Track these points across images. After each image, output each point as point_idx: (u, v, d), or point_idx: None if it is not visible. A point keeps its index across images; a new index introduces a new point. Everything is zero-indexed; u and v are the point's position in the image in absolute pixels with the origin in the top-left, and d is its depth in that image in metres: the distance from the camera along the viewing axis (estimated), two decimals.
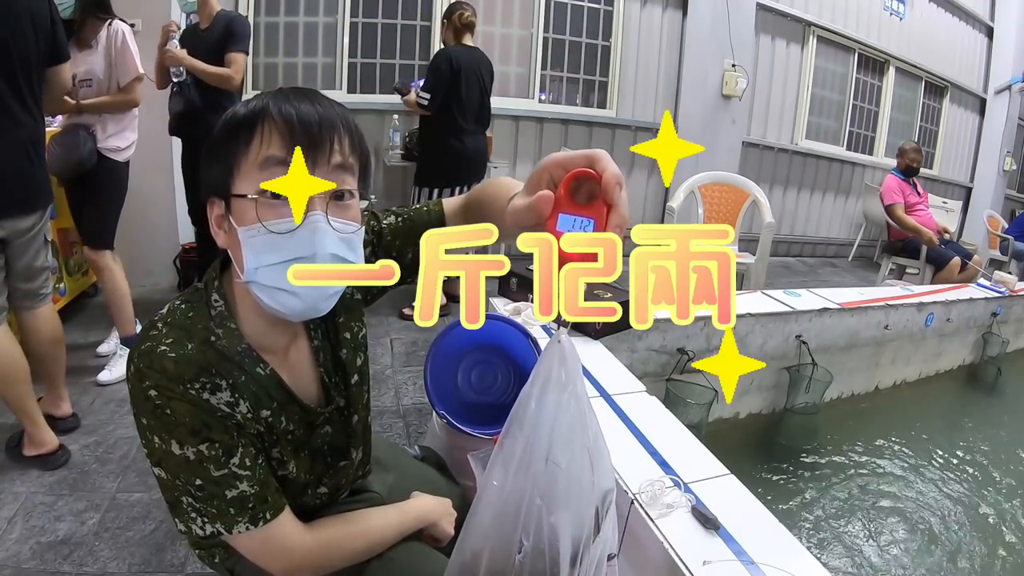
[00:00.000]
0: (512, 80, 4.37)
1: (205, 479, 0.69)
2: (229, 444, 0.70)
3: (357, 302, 0.88)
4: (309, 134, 0.65)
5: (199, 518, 0.71)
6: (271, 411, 0.75)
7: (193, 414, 0.68)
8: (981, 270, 3.80)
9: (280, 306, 0.68)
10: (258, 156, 0.65)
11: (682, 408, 1.90)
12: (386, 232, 0.86)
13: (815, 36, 5.18)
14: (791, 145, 5.28)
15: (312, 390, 0.83)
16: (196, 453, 0.68)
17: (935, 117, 6.38)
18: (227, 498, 0.70)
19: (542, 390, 0.57)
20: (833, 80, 5.51)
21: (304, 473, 0.82)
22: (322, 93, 0.70)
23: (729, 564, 0.95)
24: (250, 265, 0.66)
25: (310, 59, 3.91)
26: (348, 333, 0.87)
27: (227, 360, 0.71)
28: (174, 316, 0.71)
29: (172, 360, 0.67)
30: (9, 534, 1.43)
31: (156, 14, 2.86)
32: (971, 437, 2.50)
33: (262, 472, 0.74)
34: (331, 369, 0.85)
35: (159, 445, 0.69)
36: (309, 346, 0.83)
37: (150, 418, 0.68)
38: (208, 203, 0.70)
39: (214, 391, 0.69)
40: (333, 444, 0.86)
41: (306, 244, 0.63)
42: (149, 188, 3.02)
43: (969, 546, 1.82)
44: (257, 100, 0.68)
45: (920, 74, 6.03)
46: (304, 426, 0.81)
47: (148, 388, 0.67)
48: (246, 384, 0.72)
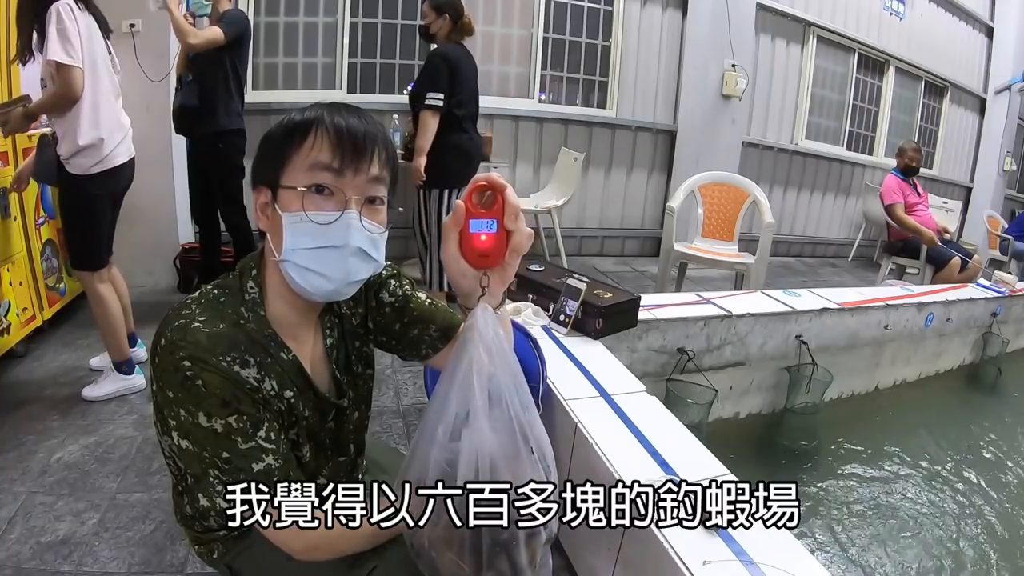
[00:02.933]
0: (512, 80, 4.37)
1: (232, 452, 0.73)
2: (256, 418, 0.74)
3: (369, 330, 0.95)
4: (355, 145, 0.74)
5: (225, 491, 0.73)
6: (293, 394, 0.81)
7: (224, 386, 0.72)
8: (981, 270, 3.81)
9: (309, 286, 0.76)
10: (308, 158, 0.73)
11: (682, 408, 1.90)
12: (413, 307, 0.94)
13: (815, 36, 5.18)
14: (791, 145, 5.28)
15: (325, 383, 0.88)
16: (224, 425, 0.72)
17: (935, 117, 6.38)
18: (254, 471, 0.73)
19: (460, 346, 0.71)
20: (833, 80, 5.51)
21: (316, 462, 0.87)
22: (366, 112, 0.79)
23: (729, 564, 0.95)
24: (288, 246, 0.74)
25: (310, 59, 3.91)
26: (358, 341, 0.94)
27: (255, 342, 0.77)
28: (207, 299, 0.78)
29: (206, 334, 0.73)
30: (9, 534, 1.42)
31: (156, 14, 2.86)
32: (971, 437, 2.50)
33: (286, 448, 0.78)
34: (342, 367, 0.91)
35: (185, 418, 0.72)
36: (324, 343, 0.88)
37: (178, 390, 0.72)
38: (256, 190, 0.79)
39: (244, 366, 0.74)
40: (335, 440, 0.91)
41: (340, 235, 0.73)
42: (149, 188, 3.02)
43: (970, 546, 1.82)
44: (313, 110, 0.76)
45: (920, 74, 6.03)
46: (318, 415, 0.86)
47: (181, 359, 0.71)
48: (272, 365, 0.78)
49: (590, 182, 4.57)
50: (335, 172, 0.73)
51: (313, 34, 3.85)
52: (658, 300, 2.22)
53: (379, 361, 2.50)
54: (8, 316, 2.19)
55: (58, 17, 1.77)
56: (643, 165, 4.77)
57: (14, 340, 2.24)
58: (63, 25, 1.77)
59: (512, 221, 0.69)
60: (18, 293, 2.27)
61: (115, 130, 1.97)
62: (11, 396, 2.08)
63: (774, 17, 4.88)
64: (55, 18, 1.76)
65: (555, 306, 1.87)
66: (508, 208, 0.69)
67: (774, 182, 5.21)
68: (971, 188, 6.73)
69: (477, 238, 0.69)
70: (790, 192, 5.42)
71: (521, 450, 0.69)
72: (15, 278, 2.25)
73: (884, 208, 4.03)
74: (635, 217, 4.85)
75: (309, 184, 0.73)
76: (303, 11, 3.81)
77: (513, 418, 0.69)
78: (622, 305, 1.88)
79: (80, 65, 1.81)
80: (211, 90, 2.54)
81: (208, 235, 2.90)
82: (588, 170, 4.47)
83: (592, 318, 1.82)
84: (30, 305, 2.35)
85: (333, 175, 0.73)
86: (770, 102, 5.10)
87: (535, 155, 4.41)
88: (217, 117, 2.60)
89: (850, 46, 5.45)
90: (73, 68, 1.79)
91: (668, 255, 3.28)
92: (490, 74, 4.31)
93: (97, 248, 2.04)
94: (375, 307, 0.93)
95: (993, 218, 5.53)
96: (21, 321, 2.28)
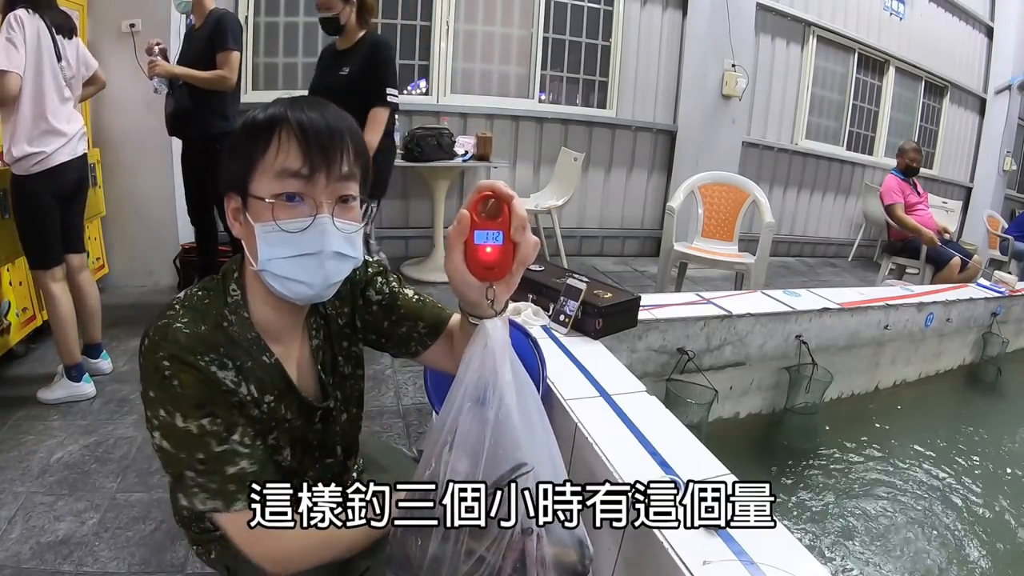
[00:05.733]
0: (512, 80, 4.37)
1: (207, 454, 0.72)
2: (231, 421, 0.74)
3: (357, 329, 0.95)
4: (323, 147, 0.71)
5: (200, 492, 0.73)
6: (274, 397, 0.80)
7: (199, 387, 0.72)
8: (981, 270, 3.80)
9: (290, 292, 0.76)
10: (275, 164, 0.71)
11: (682, 408, 1.90)
12: (400, 304, 0.93)
13: (815, 36, 5.18)
14: (791, 145, 5.28)
15: (310, 385, 0.88)
16: (199, 427, 0.72)
17: (935, 117, 6.38)
18: (227, 474, 0.73)
19: (466, 365, 0.72)
20: (833, 80, 5.51)
21: (296, 463, 0.86)
22: (333, 104, 0.77)
23: (729, 564, 0.95)
24: (263, 256, 0.73)
25: (310, 59, 3.90)
26: (346, 341, 0.93)
27: (236, 345, 0.77)
28: (191, 300, 0.77)
29: (186, 335, 0.72)
30: (9, 534, 1.43)
31: (156, 14, 2.86)
32: (971, 437, 2.50)
33: (262, 453, 0.76)
34: (328, 368, 0.90)
35: (164, 418, 0.72)
36: (309, 345, 0.88)
37: (157, 390, 0.71)
38: (226, 196, 0.76)
39: (222, 368, 0.74)
40: (321, 442, 0.90)
41: (315, 242, 0.72)
42: (149, 188, 3.03)
43: (970, 546, 1.82)
44: (275, 107, 0.73)
45: (920, 74, 6.03)
46: (302, 418, 0.85)
47: (161, 359, 0.71)
48: (252, 369, 0.78)
49: (590, 182, 4.57)
50: (305, 178, 0.71)
51: (313, 34, 3.85)
52: (658, 300, 2.22)
53: (379, 361, 2.51)
54: (8, 316, 2.19)
55: (8, 26, 1.84)
56: (643, 165, 4.77)
57: (14, 340, 2.24)
58: (12, 34, 1.84)
59: (519, 233, 0.67)
60: (18, 293, 2.27)
61: (55, 137, 1.98)
62: (11, 396, 2.08)
63: (774, 17, 4.88)
64: (6, 27, 1.85)
65: (555, 306, 1.87)
66: (515, 219, 0.66)
67: (774, 182, 5.21)
68: (971, 188, 6.73)
69: (483, 250, 0.66)
70: (790, 192, 5.43)
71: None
72: (15, 278, 2.26)
73: (884, 208, 4.03)
74: (635, 217, 4.85)
75: (279, 193, 0.71)
76: (303, 11, 3.81)
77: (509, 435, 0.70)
78: (622, 305, 1.88)
79: (17, 71, 1.85)
80: (204, 93, 2.51)
81: (205, 236, 2.88)
82: (588, 170, 4.47)
83: (592, 318, 1.82)
84: (30, 305, 2.35)
85: (303, 181, 0.71)
86: (770, 102, 5.10)
87: (535, 155, 4.41)
88: (210, 120, 2.54)
89: (850, 46, 5.45)
90: (9, 74, 1.84)
91: (668, 255, 3.28)
92: (490, 74, 4.31)
93: (46, 247, 2.04)
94: (362, 305, 0.92)
95: (993, 218, 5.53)
96: (21, 321, 2.28)
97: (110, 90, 2.47)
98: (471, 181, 4.24)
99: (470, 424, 0.70)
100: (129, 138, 2.93)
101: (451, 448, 0.70)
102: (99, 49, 2.76)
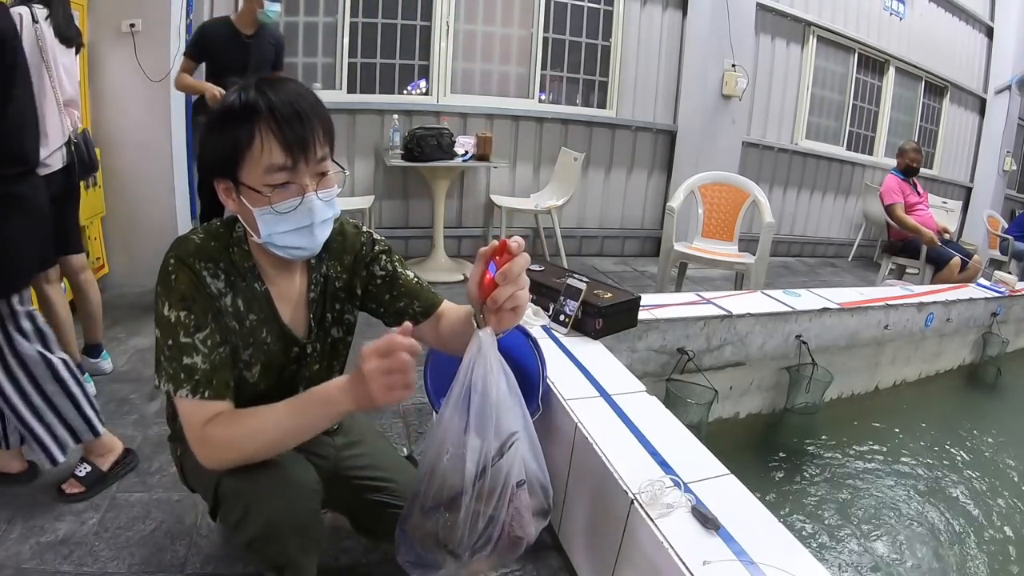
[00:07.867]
0: (512, 80, 4.37)
1: (174, 341, 0.87)
2: (201, 321, 0.88)
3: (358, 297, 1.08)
4: (300, 139, 0.84)
5: (163, 374, 0.88)
6: (256, 318, 0.95)
7: (188, 284, 0.88)
8: (981, 270, 3.81)
9: (289, 255, 0.92)
10: (261, 160, 0.84)
11: (682, 408, 1.90)
12: (402, 282, 1.07)
13: (815, 36, 5.18)
14: (791, 145, 5.28)
15: (297, 323, 1.00)
16: (175, 317, 0.87)
17: (935, 117, 6.38)
18: (182, 363, 0.87)
19: (469, 364, 0.87)
20: (833, 80, 5.51)
21: (264, 385, 0.98)
22: (295, 81, 0.90)
23: (729, 564, 0.95)
24: (264, 232, 0.88)
25: (310, 59, 3.91)
26: (339, 304, 1.05)
27: (235, 266, 0.93)
28: (211, 227, 0.95)
29: (196, 245, 0.91)
30: (9, 534, 1.42)
31: (156, 14, 2.86)
32: (971, 437, 2.50)
33: (219, 359, 0.89)
34: (317, 319, 1.03)
35: (159, 309, 0.88)
36: (307, 296, 1.01)
37: (161, 284, 0.88)
38: (214, 179, 0.89)
39: (214, 276, 0.90)
40: (291, 378, 1.02)
41: (306, 216, 0.88)
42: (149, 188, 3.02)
43: (970, 546, 1.82)
44: (248, 94, 0.84)
45: (920, 74, 6.03)
46: (280, 344, 0.98)
47: (170, 258, 0.89)
48: (242, 289, 0.93)
49: (590, 182, 4.57)
50: (289, 169, 0.85)
51: (313, 34, 3.85)
52: (658, 300, 2.22)
53: None
54: None
55: None
56: (643, 165, 4.77)
57: None
58: None
59: (501, 278, 0.79)
60: None
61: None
62: None
63: (774, 17, 4.88)
64: None
65: (555, 306, 1.87)
66: (503, 268, 0.79)
67: (774, 182, 5.21)
68: (971, 188, 6.73)
69: (486, 273, 0.82)
70: (790, 192, 5.42)
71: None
72: None
73: (884, 208, 4.03)
74: (635, 217, 4.85)
75: (270, 185, 0.85)
76: (303, 11, 3.81)
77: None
78: (622, 305, 1.88)
79: None
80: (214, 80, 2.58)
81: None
82: (588, 170, 4.47)
83: (592, 318, 1.82)
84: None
85: (288, 172, 0.85)
86: (770, 102, 5.10)
87: (535, 155, 4.41)
88: None
89: (850, 46, 5.45)
90: None
91: (668, 255, 3.28)
92: (490, 74, 4.31)
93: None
94: (366, 277, 1.06)
95: (993, 218, 5.53)
96: None
97: (110, 90, 2.47)
98: (471, 181, 4.24)
99: (480, 404, 0.87)
100: (129, 138, 2.93)
101: (466, 431, 0.87)
102: (99, 49, 2.76)
